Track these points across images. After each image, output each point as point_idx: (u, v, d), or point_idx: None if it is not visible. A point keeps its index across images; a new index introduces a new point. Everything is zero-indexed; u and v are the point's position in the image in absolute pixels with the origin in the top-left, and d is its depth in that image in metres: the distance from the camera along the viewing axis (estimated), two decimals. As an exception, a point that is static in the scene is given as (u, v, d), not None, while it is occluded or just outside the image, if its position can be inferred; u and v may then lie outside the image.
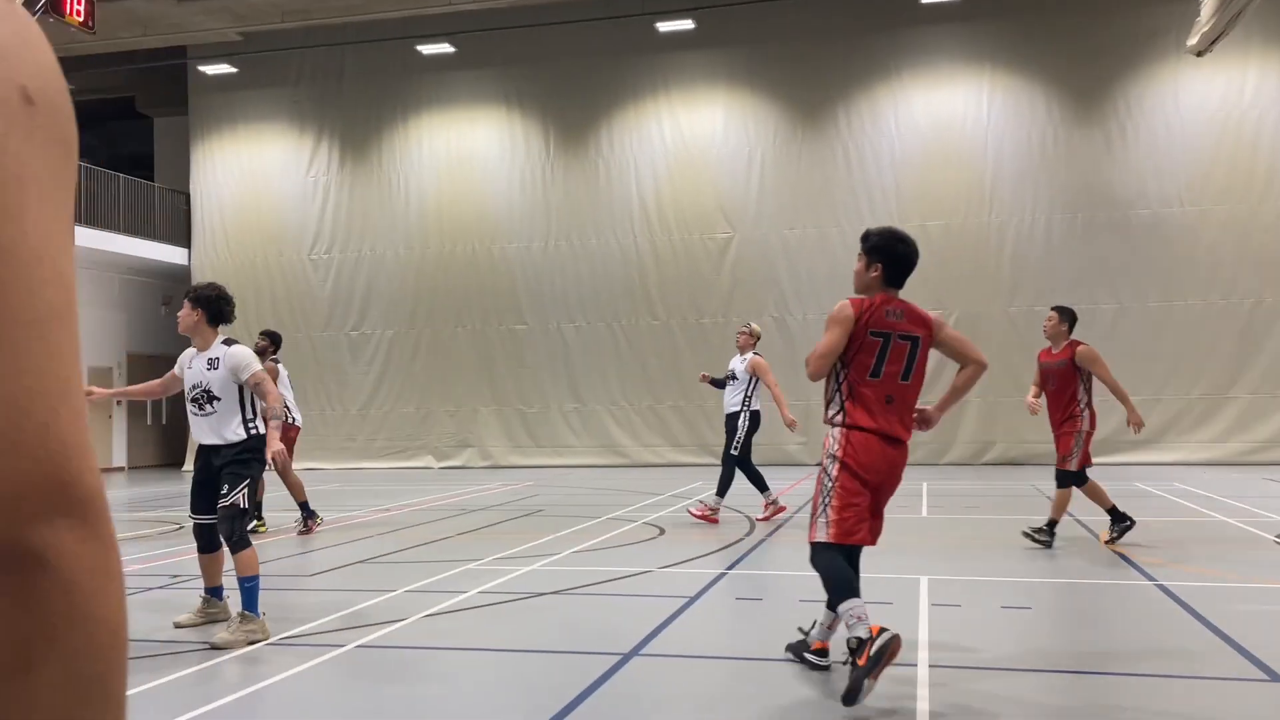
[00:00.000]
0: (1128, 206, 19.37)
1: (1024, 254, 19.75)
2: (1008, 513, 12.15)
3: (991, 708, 4.77)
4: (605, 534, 10.50)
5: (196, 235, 23.75)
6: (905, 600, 6.90)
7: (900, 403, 5.05)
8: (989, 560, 8.61)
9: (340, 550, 9.76)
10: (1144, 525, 10.74)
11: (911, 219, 20.14)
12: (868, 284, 5.23)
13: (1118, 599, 7.11)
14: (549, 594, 7.39)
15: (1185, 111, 19.20)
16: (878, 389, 4.99)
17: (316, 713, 4.79)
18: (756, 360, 11.94)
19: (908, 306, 5.16)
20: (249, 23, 20.83)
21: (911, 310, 5.16)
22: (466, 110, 22.41)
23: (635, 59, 21.36)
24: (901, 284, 5.28)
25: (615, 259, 21.47)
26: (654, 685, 5.16)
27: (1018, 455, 19.58)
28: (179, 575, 8.47)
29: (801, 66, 20.67)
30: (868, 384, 4.99)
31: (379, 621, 6.49)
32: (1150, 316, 19.25)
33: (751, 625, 6.42)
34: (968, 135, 20.04)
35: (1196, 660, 5.47)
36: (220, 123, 23.59)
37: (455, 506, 13.75)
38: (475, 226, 22.20)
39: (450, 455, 22.02)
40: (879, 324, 5.02)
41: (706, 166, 21.11)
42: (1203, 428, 19.02)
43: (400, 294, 22.52)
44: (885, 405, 5.00)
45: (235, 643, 5.86)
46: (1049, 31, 19.75)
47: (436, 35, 21.57)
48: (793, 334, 20.59)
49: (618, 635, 6.12)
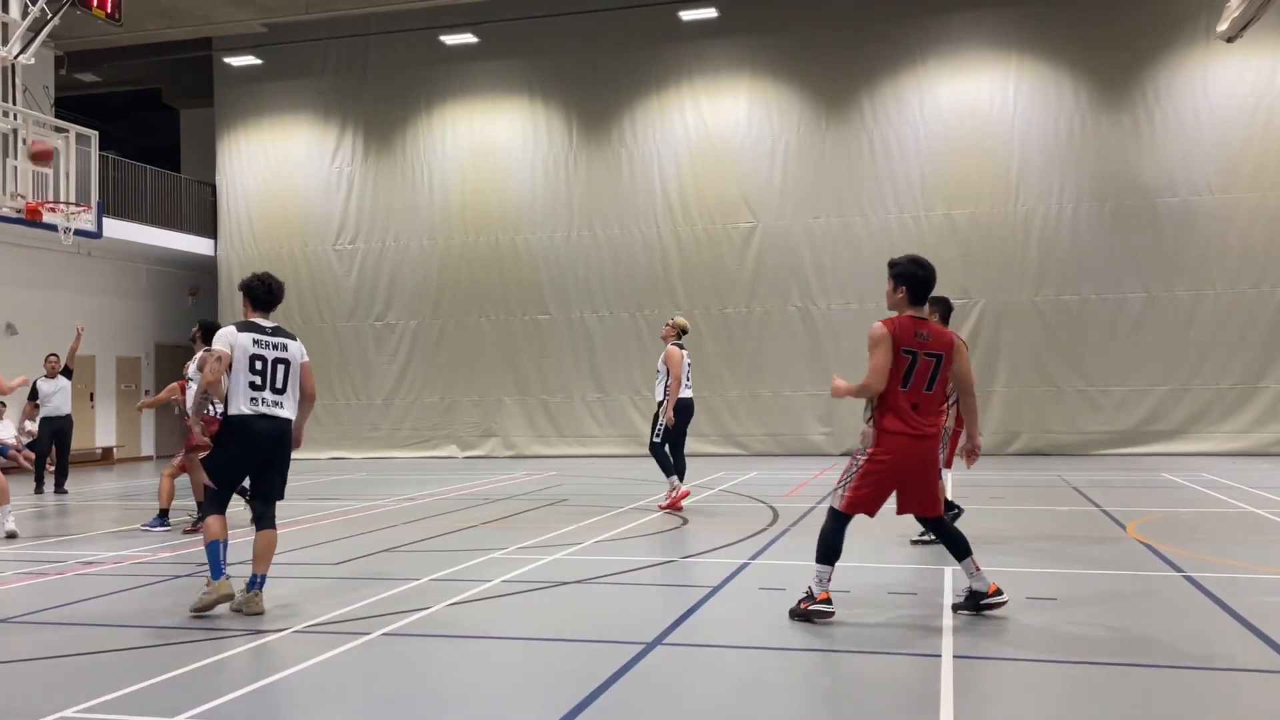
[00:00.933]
0: (1156, 195, 19.16)
1: (1051, 243, 19.58)
2: (1033, 503, 12.07)
3: (1017, 699, 4.75)
4: (628, 523, 10.51)
5: (223, 226, 23.90)
6: (929, 591, 6.87)
7: (925, 408, 6.00)
8: (1014, 551, 8.56)
9: (365, 539, 9.82)
10: (1172, 516, 10.65)
11: (937, 208, 20.03)
12: (896, 303, 6.23)
13: (1145, 590, 7.05)
14: (572, 583, 7.41)
15: (1215, 98, 18.96)
16: (906, 397, 5.96)
17: (341, 700, 4.82)
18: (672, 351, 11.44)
19: (934, 329, 6.17)
20: (274, 14, 20.93)
21: (938, 333, 6.17)
22: (490, 100, 22.43)
23: (658, 48, 21.30)
24: (923, 302, 6.27)
25: (638, 249, 21.45)
26: (677, 674, 5.17)
27: (1043, 446, 19.45)
28: (205, 563, 8.53)
29: (826, 55, 20.56)
30: (897, 393, 5.95)
31: (403, 610, 6.53)
32: (1179, 306, 19.06)
33: (774, 616, 6.40)
34: (994, 123, 19.87)
35: (1224, 652, 5.41)
36: (246, 114, 23.71)
37: (479, 496, 13.81)
38: (498, 217, 22.24)
39: (474, 445, 22.11)
40: (908, 342, 5.98)
41: (730, 156, 21.04)
42: (1233, 418, 18.83)
43: (424, 284, 22.59)
44: (913, 411, 5.96)
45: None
46: (1076, 17, 19.54)
47: (460, 25, 21.60)
48: (816, 324, 20.52)
49: (641, 624, 6.12)
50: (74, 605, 7.02)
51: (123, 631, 6.23)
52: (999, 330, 19.72)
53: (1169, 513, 10.90)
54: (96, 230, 16.04)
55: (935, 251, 19.90)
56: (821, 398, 20.38)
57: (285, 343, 6.69)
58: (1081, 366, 19.42)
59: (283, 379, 6.62)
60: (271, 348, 6.61)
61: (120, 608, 7.00)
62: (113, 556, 8.94)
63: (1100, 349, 19.32)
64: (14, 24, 15.04)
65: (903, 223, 20.10)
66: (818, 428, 20.51)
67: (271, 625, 6.16)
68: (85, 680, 5.14)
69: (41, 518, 12.08)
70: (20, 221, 14.89)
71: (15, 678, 5.35)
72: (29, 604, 7.08)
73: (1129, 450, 18.99)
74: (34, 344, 20.82)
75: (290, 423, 6.69)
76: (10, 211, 14.59)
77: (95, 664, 5.46)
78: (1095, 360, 19.34)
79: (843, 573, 7.62)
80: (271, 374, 6.57)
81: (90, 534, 10.71)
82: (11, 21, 15.05)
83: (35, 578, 8.05)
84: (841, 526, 6.14)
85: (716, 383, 20.92)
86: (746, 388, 20.86)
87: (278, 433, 6.60)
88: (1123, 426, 19.20)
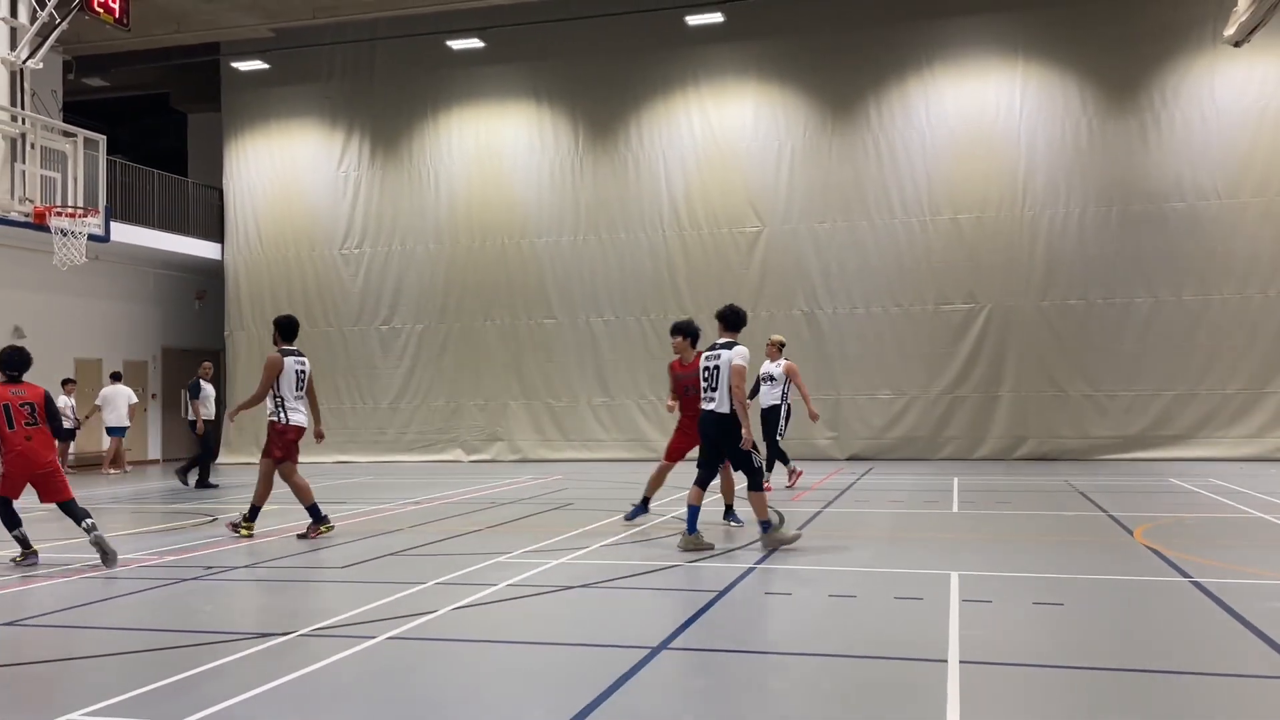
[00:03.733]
0: (1163, 199, 19.13)
1: (1057, 247, 19.56)
2: (1039, 508, 12.04)
3: (1023, 705, 4.74)
4: (634, 528, 10.51)
5: (230, 230, 23.96)
6: (936, 596, 6.86)
7: None
8: (1021, 556, 8.54)
9: (371, 543, 9.83)
10: (1179, 522, 10.62)
11: (943, 212, 20.02)
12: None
13: (1153, 596, 7.04)
14: (578, 587, 7.41)
15: (1222, 103, 18.93)
16: None
17: (347, 704, 4.82)
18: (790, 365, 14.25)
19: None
20: (281, 19, 21.00)
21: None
22: (496, 105, 22.47)
23: (664, 53, 21.32)
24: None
25: (644, 253, 21.46)
26: (682, 679, 5.16)
27: (1050, 451, 19.41)
28: (213, 566, 8.56)
29: (832, 59, 20.56)
30: None
31: (409, 614, 6.53)
32: (1186, 310, 19.02)
33: (780, 620, 6.40)
34: (1000, 127, 19.85)
35: (1232, 658, 5.40)
36: (253, 118, 23.78)
37: (485, 500, 13.81)
38: (504, 221, 22.26)
39: (480, 449, 22.12)
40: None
41: (736, 160, 21.05)
42: (1240, 423, 18.77)
43: (430, 288, 22.63)
44: None
45: None
46: (1083, 22, 19.52)
47: (466, 30, 21.64)
48: (822, 328, 20.50)
49: (647, 629, 6.12)
50: (82, 608, 7.03)
51: (130, 634, 6.25)
52: (1005, 335, 19.69)
53: (1176, 518, 10.87)
54: (104, 234, 16.09)
55: (941, 256, 19.95)
56: (827, 402, 20.36)
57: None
58: (1088, 371, 19.38)
59: None
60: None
61: (128, 610, 7.01)
62: (120, 559, 8.96)
63: (1107, 354, 19.28)
64: (22, 29, 15.12)
65: (909, 227, 20.09)
66: (823, 432, 20.47)
67: (278, 629, 6.17)
68: (93, 683, 5.15)
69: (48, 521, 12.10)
70: (28, 225, 14.94)
71: (24, 680, 5.36)
72: (38, 607, 7.09)
73: (1136, 455, 18.95)
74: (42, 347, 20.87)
75: None
76: (19, 215, 14.64)
77: (103, 666, 5.47)
78: (1102, 365, 19.30)
79: (849, 576, 7.63)
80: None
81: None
82: (20, 26, 15.13)
83: (44, 580, 8.07)
84: None
85: (722, 387, 20.89)
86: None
87: None
88: (1129, 431, 19.15)
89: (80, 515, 8.56)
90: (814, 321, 20.57)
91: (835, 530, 10.29)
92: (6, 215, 14.52)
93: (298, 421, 10.17)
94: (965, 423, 19.79)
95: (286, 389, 10.07)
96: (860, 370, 20.19)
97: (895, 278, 20.10)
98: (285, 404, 10.08)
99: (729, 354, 8.75)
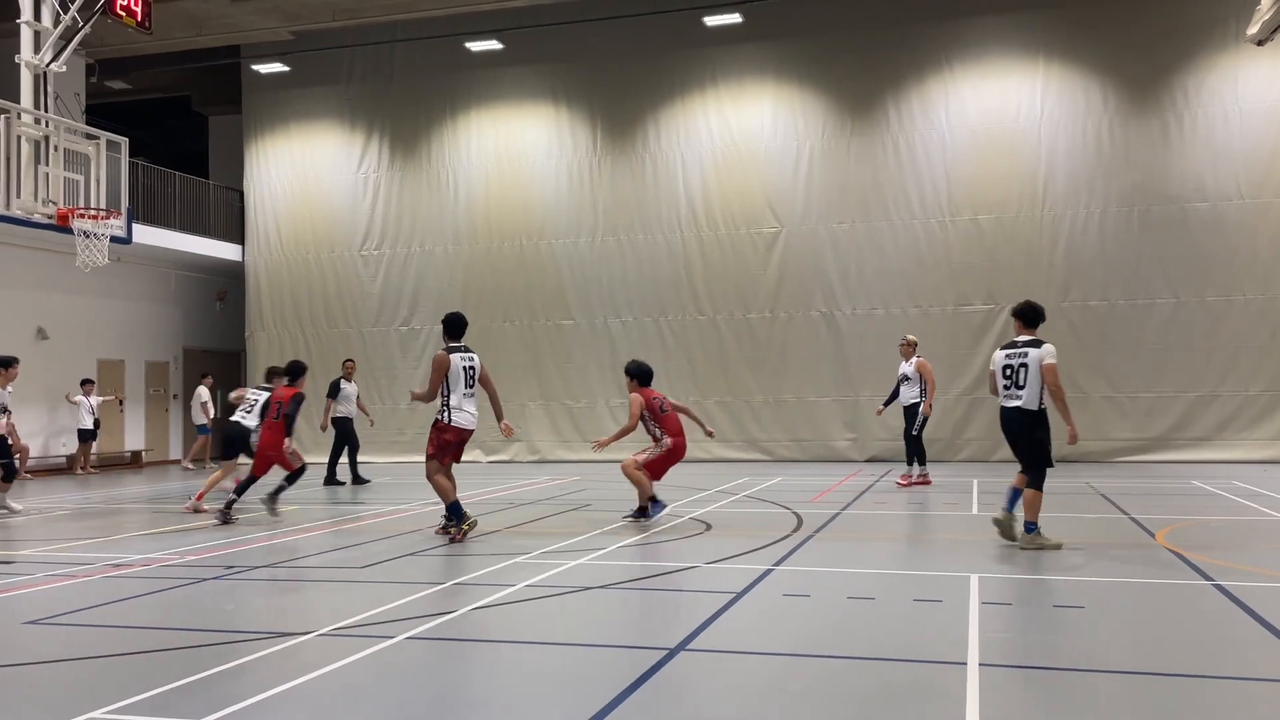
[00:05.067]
0: (1185, 200, 18.98)
1: (1078, 248, 19.43)
2: (1060, 511, 11.97)
3: (1043, 708, 4.71)
4: (652, 529, 10.51)
5: (250, 232, 24.10)
6: (955, 598, 6.82)
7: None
8: (1040, 558, 8.49)
9: (390, 543, 9.87)
10: (1201, 524, 10.54)
11: (963, 213, 19.93)
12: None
13: (1174, 599, 6.98)
14: (596, 588, 7.41)
15: (1245, 102, 18.77)
16: None
17: (366, 704, 4.84)
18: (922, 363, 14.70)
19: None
20: (301, 22, 21.10)
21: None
22: (514, 106, 22.51)
23: (683, 53, 21.32)
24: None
25: (662, 254, 21.46)
26: (700, 680, 5.16)
27: (1070, 453, 19.16)
28: (233, 566, 8.61)
29: (851, 59, 20.51)
30: None
31: (428, 614, 6.55)
32: (1208, 311, 18.87)
33: (798, 622, 6.38)
34: (1020, 127, 19.75)
35: (1255, 663, 5.35)
36: (273, 120, 23.91)
37: (503, 500, 13.84)
38: (523, 222, 22.30)
39: (498, 450, 22.16)
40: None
41: (754, 161, 21.01)
42: (1262, 424, 18.61)
43: (449, 289, 22.68)
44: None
45: None
46: (1104, 21, 19.40)
47: (485, 32, 21.70)
48: (840, 329, 20.45)
49: (664, 630, 6.12)
50: (102, 607, 7.08)
51: (150, 633, 6.29)
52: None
53: (1198, 520, 10.79)
54: (126, 236, 16.21)
55: (961, 256, 19.86)
56: (846, 403, 20.32)
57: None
58: (1109, 373, 19.24)
59: None
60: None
61: (148, 610, 7.06)
62: (141, 559, 9.02)
63: (1128, 355, 19.14)
64: (46, 32, 15.25)
65: (928, 228, 20.01)
66: (842, 433, 20.42)
67: (297, 628, 6.19)
68: (113, 682, 5.19)
69: (73, 519, 12.20)
70: (51, 227, 15.06)
71: (44, 679, 5.41)
72: (58, 606, 7.15)
73: (1157, 457, 18.82)
74: (64, 348, 21.09)
75: None
76: (42, 217, 14.77)
77: (123, 666, 5.51)
78: (1122, 366, 19.16)
79: (867, 579, 7.61)
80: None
81: (119, 536, 10.81)
82: (44, 30, 15.26)
83: (64, 580, 8.13)
84: None
85: (740, 388, 20.89)
86: (770, 393, 20.81)
87: None
88: (1151, 433, 19.01)
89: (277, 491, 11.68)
90: (832, 322, 20.51)
91: (854, 532, 10.26)
92: (30, 217, 14.64)
93: (460, 422, 9.96)
94: (985, 424, 19.66)
95: (455, 387, 9.89)
96: (879, 371, 20.07)
97: (914, 278, 20.02)
98: (450, 403, 9.89)
99: (1038, 352, 8.85)
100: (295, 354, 23.54)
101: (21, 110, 14.66)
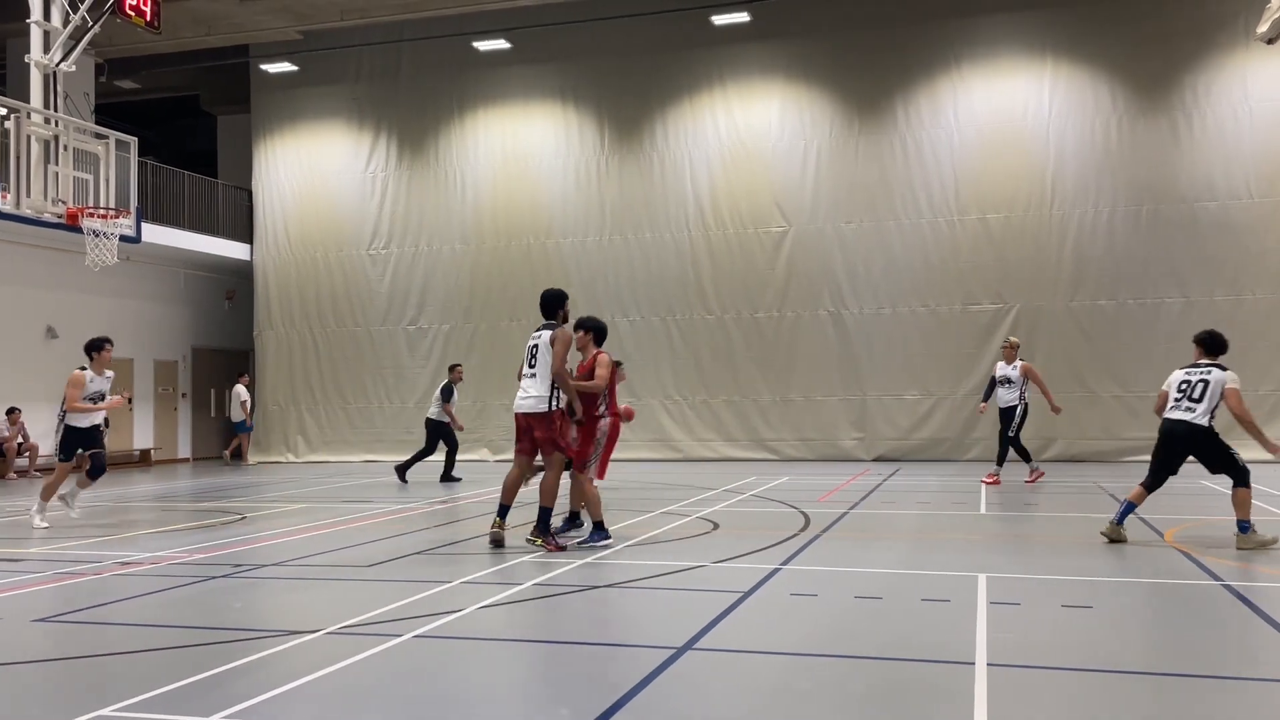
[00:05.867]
0: (1194, 199, 18.92)
1: (1086, 247, 19.38)
2: (1068, 510, 11.94)
3: (1052, 708, 4.69)
4: (659, 528, 10.50)
5: (259, 231, 24.15)
6: (963, 598, 6.81)
7: None
8: (1049, 558, 8.47)
9: (398, 541, 9.88)
10: (1211, 525, 10.51)
11: (971, 212, 19.89)
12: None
13: (1183, 600, 6.96)
14: (603, 587, 7.41)
15: (1255, 101, 18.70)
16: None
17: (372, 702, 4.85)
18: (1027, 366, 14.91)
19: None
20: (309, 21, 21.14)
21: None
22: (522, 105, 22.53)
23: (690, 52, 21.31)
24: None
25: (670, 253, 21.46)
26: (708, 679, 5.15)
27: (1079, 452, 19.23)
28: (241, 564, 8.63)
29: (858, 58, 20.48)
30: None
31: (435, 612, 6.55)
32: (1218, 311, 18.76)
33: (806, 621, 6.37)
34: (1029, 126, 19.70)
35: (1264, 663, 5.33)
36: (281, 120, 23.96)
37: (510, 499, 13.81)
38: (530, 221, 22.32)
39: (506, 449, 22.09)
40: None
41: (762, 160, 21.00)
42: (1272, 424, 18.46)
43: (456, 288, 22.71)
44: None
45: None
46: (1112, 19, 19.34)
47: (493, 31, 21.73)
48: (848, 328, 20.42)
49: (671, 629, 6.11)
50: (110, 605, 7.10)
51: (158, 632, 6.30)
52: (1034, 335, 19.50)
53: (1207, 520, 10.76)
54: (135, 235, 16.25)
55: (969, 256, 19.81)
56: (853, 402, 20.29)
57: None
58: (1117, 372, 19.19)
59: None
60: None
61: (156, 608, 7.08)
62: (149, 557, 9.05)
63: (1137, 354, 19.07)
64: (55, 32, 15.29)
65: (936, 227, 19.97)
66: (850, 433, 20.39)
67: (305, 627, 6.21)
68: (121, 680, 5.20)
69: (81, 518, 12.23)
70: (61, 226, 15.11)
71: (52, 677, 5.43)
72: (67, 604, 7.17)
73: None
74: (74, 347, 21.13)
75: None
76: (51, 217, 14.81)
77: (131, 664, 5.53)
78: (1132, 366, 19.09)
79: (875, 578, 7.60)
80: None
81: (128, 535, 10.84)
82: (53, 30, 15.31)
83: (73, 578, 8.16)
84: None
85: (748, 387, 20.87)
86: (778, 392, 20.79)
87: None
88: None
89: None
90: (840, 322, 20.48)
91: (862, 531, 10.24)
92: (40, 216, 14.68)
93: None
94: (993, 424, 19.61)
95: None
96: (887, 371, 20.09)
97: (922, 278, 19.99)
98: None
99: (1222, 375, 9.39)
100: (303, 353, 23.61)
101: (31, 110, 14.70)
